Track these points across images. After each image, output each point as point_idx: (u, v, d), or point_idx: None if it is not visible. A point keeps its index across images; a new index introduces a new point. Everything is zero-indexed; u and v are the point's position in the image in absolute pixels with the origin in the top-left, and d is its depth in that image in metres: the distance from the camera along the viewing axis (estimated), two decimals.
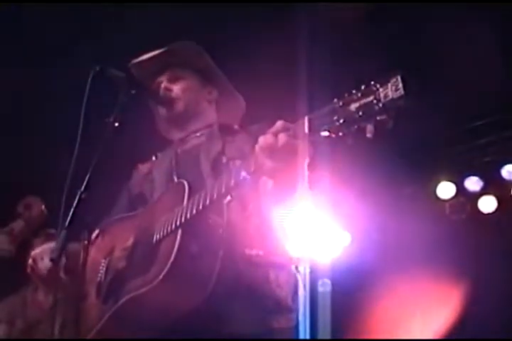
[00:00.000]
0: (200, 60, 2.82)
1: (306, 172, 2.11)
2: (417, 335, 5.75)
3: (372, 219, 6.08)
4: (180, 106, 2.72)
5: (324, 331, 5.48)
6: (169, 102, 2.71)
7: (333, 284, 5.79)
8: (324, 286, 5.72)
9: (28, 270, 2.61)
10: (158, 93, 2.72)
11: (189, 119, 2.75)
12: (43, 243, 4.17)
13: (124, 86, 2.49)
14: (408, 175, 6.10)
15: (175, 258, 2.17)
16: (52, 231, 4.37)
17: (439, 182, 6.15)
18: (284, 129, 2.00)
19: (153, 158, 2.85)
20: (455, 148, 6.00)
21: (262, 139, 2.04)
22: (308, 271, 5.34)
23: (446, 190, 6.14)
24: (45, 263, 2.55)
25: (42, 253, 2.59)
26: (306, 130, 1.93)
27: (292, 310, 2.42)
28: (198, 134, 2.74)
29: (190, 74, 2.81)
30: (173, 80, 2.77)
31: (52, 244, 2.59)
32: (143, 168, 2.84)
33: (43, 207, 3.72)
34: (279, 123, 2.03)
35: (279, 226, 2.46)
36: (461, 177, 6.10)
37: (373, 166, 5.80)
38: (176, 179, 2.53)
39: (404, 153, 5.80)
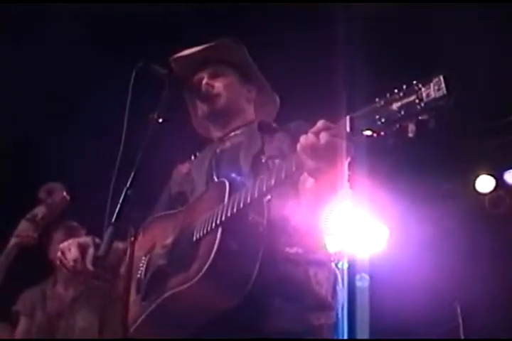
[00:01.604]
0: (240, 57, 2.81)
1: (347, 171, 2.10)
2: None
3: (411, 214, 6.04)
4: (222, 102, 2.71)
5: (362, 327, 5.44)
6: (211, 99, 2.71)
7: (371, 279, 5.75)
8: (362, 281, 5.69)
9: (58, 262, 2.63)
10: (199, 89, 2.71)
11: (229, 117, 2.75)
12: (63, 236, 4.22)
13: (167, 82, 2.49)
14: (447, 169, 6.06)
15: (215, 256, 2.17)
16: (74, 223, 4.43)
17: (478, 175, 6.10)
18: (326, 128, 1.98)
19: (192, 157, 2.85)
20: (494, 141, 5.94)
21: (303, 139, 2.03)
22: (346, 266, 5.32)
23: (485, 183, 6.09)
24: (72, 255, 2.56)
25: (70, 245, 2.60)
26: (348, 129, 1.92)
27: (332, 307, 2.41)
28: (237, 132, 2.73)
29: (231, 72, 2.80)
30: (214, 76, 2.76)
31: (81, 238, 2.65)
32: (182, 167, 2.84)
33: (65, 192, 3.69)
34: (321, 123, 2.02)
35: (318, 224, 2.45)
36: (501, 171, 6.04)
37: (412, 160, 5.76)
38: (216, 178, 2.54)
39: (443, 146, 5.75)
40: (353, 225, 5.64)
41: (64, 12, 4.70)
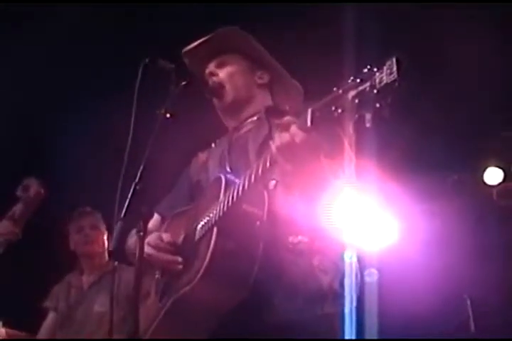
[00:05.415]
0: (247, 44, 2.76)
1: (354, 161, 2.07)
2: None
3: (419, 207, 6.01)
4: (227, 92, 2.67)
5: (371, 323, 5.38)
6: (217, 89, 2.67)
7: (380, 273, 5.71)
8: (371, 276, 5.64)
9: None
10: (207, 81, 2.70)
11: (240, 105, 2.70)
12: (79, 222, 4.44)
13: (174, 77, 2.46)
14: (455, 161, 6.03)
15: (211, 257, 2.17)
16: (87, 208, 4.50)
17: (486, 167, 6.08)
18: (291, 123, 1.95)
19: (213, 145, 2.82)
20: (503, 133, 5.91)
21: (277, 139, 1.99)
22: (354, 260, 5.27)
23: (493, 175, 6.07)
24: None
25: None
26: (309, 123, 1.87)
27: (338, 295, 2.36)
28: (252, 119, 2.68)
29: (239, 60, 2.75)
30: (219, 66, 2.73)
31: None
32: (202, 156, 2.81)
33: (40, 187, 3.65)
34: (285, 119, 1.99)
35: (325, 212, 2.41)
36: (509, 163, 6.01)
37: (421, 152, 5.74)
38: (228, 168, 2.51)
39: (451, 138, 5.72)
40: (361, 217, 5.59)
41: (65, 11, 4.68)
